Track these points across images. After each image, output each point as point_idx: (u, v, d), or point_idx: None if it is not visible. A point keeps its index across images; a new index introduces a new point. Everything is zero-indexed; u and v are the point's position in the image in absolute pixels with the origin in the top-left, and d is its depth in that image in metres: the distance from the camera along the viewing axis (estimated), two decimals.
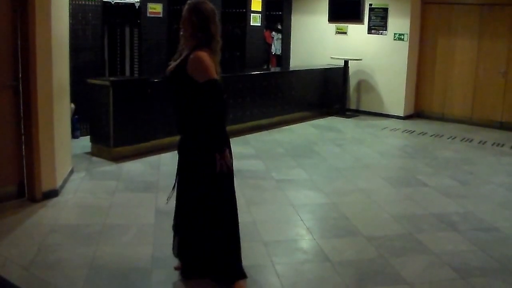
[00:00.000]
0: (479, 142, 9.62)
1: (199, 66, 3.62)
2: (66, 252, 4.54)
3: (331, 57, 11.88)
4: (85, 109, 7.92)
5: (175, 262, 4.32)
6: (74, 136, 7.89)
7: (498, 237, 5.26)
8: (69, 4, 7.00)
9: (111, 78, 7.86)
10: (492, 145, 9.44)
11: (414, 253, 4.81)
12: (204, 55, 3.65)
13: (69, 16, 6.86)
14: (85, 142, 7.93)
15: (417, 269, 4.49)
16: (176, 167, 4.22)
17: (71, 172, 6.63)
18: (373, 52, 11.79)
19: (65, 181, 6.25)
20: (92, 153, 7.63)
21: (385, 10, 11.52)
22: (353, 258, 4.67)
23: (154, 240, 4.85)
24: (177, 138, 8.23)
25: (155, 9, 9.35)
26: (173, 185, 4.21)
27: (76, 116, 8.20)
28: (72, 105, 7.40)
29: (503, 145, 9.44)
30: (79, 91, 7.75)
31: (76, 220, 5.33)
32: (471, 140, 9.76)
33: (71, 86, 6.77)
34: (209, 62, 3.65)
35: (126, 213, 5.52)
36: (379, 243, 4.97)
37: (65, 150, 6.33)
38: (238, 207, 5.17)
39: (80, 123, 8.44)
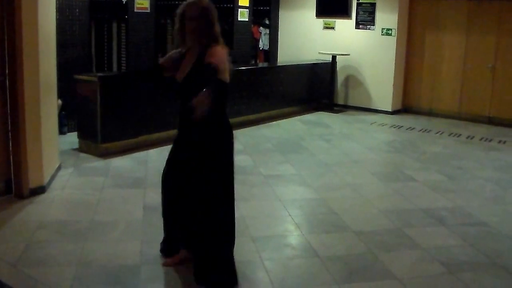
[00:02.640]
0: (467, 137, 9.66)
1: (222, 63, 3.64)
2: (54, 249, 4.51)
3: (319, 52, 11.88)
4: (73, 105, 7.87)
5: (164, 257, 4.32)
6: (61, 132, 7.84)
7: (486, 231, 5.28)
8: None
9: (99, 74, 7.81)
10: (480, 140, 9.49)
11: (403, 248, 4.82)
12: (225, 53, 3.71)
13: (56, 11, 6.80)
14: (72, 138, 7.88)
15: (406, 264, 4.50)
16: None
17: (59, 168, 6.58)
18: (361, 47, 11.80)
19: (53, 178, 6.21)
20: (79, 149, 7.58)
21: (373, 5, 11.53)
22: (342, 253, 4.67)
23: (142, 236, 4.83)
24: (164, 133, 8.25)
25: (143, 4, 9.29)
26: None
27: (64, 112, 8.15)
28: (59, 101, 7.35)
29: (491, 140, 9.48)
30: (67, 87, 7.70)
31: (64, 216, 5.30)
32: (459, 135, 9.80)
33: (58, 81, 6.72)
34: (227, 63, 3.68)
35: (114, 209, 5.49)
36: (368, 238, 4.98)
37: (52, 146, 6.29)
38: None
39: (68, 119, 8.39)
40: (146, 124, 7.92)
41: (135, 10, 9.23)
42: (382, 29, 11.48)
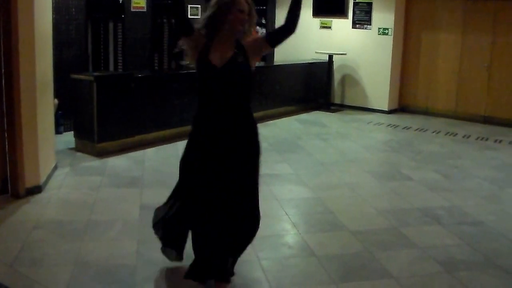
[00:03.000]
0: (463, 136, 9.67)
1: None
2: (50, 249, 4.51)
3: (316, 52, 11.89)
4: (69, 104, 7.87)
5: (160, 257, 4.30)
6: (57, 131, 7.83)
7: (483, 230, 5.29)
8: None
9: (95, 73, 7.81)
10: (476, 139, 9.50)
11: (400, 247, 4.82)
12: None
13: (53, 11, 6.79)
14: (69, 137, 7.87)
15: (402, 263, 4.51)
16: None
17: (55, 168, 6.58)
18: (357, 47, 11.81)
19: (49, 177, 6.20)
20: (76, 149, 7.57)
21: (369, 4, 11.54)
22: (339, 252, 4.67)
23: (139, 235, 4.82)
24: (161, 133, 8.23)
25: (139, 3, 9.30)
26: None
27: (60, 112, 8.15)
28: (56, 101, 7.35)
29: (487, 139, 9.50)
30: (63, 86, 7.69)
31: (60, 216, 5.29)
32: (455, 134, 9.81)
33: (55, 81, 6.71)
34: None
35: (111, 209, 5.48)
36: (364, 237, 4.98)
37: (48, 145, 6.28)
38: None
39: (64, 119, 8.38)
40: (143, 123, 7.91)
41: (132, 10, 9.24)
42: (379, 28, 11.49)
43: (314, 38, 12.38)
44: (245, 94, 3.93)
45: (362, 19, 11.68)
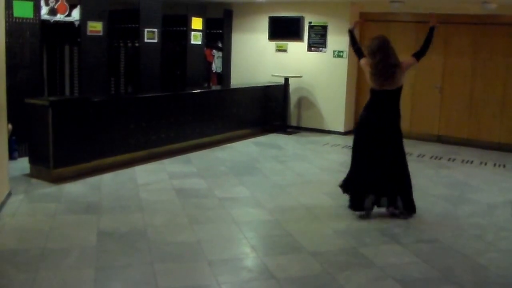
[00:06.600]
0: (418, 156, 9.85)
1: None
2: (4, 280, 4.38)
3: (272, 75, 11.98)
4: (24, 129, 7.74)
5: (119, 285, 4.25)
6: (12, 157, 7.69)
7: (439, 247, 5.38)
8: (6, 22, 6.85)
9: (50, 98, 7.71)
10: (431, 158, 9.68)
11: (358, 267, 4.86)
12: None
13: (6, 34, 6.70)
14: (23, 163, 7.72)
15: (361, 283, 4.54)
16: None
17: (9, 195, 6.44)
18: (313, 69, 11.96)
19: (2, 205, 6.05)
20: (31, 175, 7.44)
21: (324, 28, 11.72)
22: (298, 274, 4.69)
23: (96, 263, 4.74)
24: (118, 157, 8.17)
25: (95, 27, 9.23)
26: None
27: (14, 137, 8.00)
28: (10, 126, 7.23)
29: (440, 158, 9.70)
30: (17, 111, 7.57)
31: (14, 245, 5.16)
32: (410, 154, 9.96)
33: (8, 106, 6.60)
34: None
35: (67, 236, 5.39)
36: (323, 258, 5.01)
37: (2, 172, 6.15)
38: (180, 226, 5.15)
39: (18, 144, 8.23)
40: (99, 148, 7.83)
41: (88, 34, 9.16)
42: (334, 51, 11.67)
43: (270, 61, 12.49)
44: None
45: (318, 42, 11.85)
